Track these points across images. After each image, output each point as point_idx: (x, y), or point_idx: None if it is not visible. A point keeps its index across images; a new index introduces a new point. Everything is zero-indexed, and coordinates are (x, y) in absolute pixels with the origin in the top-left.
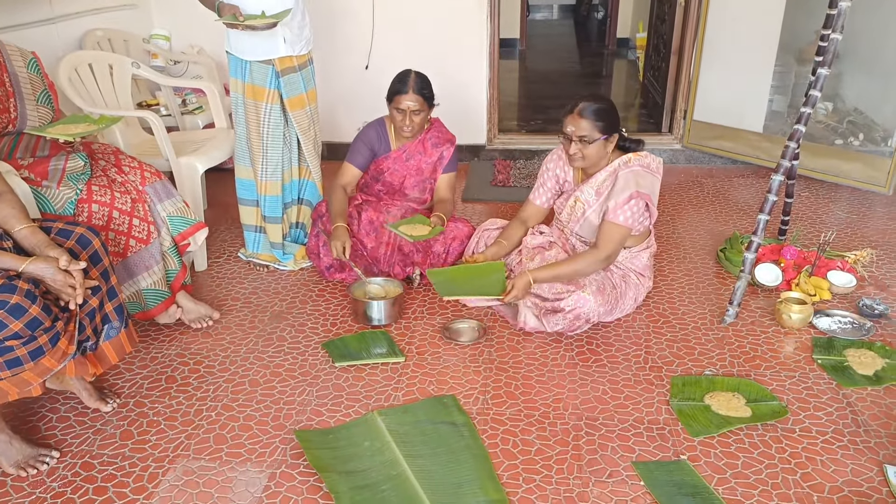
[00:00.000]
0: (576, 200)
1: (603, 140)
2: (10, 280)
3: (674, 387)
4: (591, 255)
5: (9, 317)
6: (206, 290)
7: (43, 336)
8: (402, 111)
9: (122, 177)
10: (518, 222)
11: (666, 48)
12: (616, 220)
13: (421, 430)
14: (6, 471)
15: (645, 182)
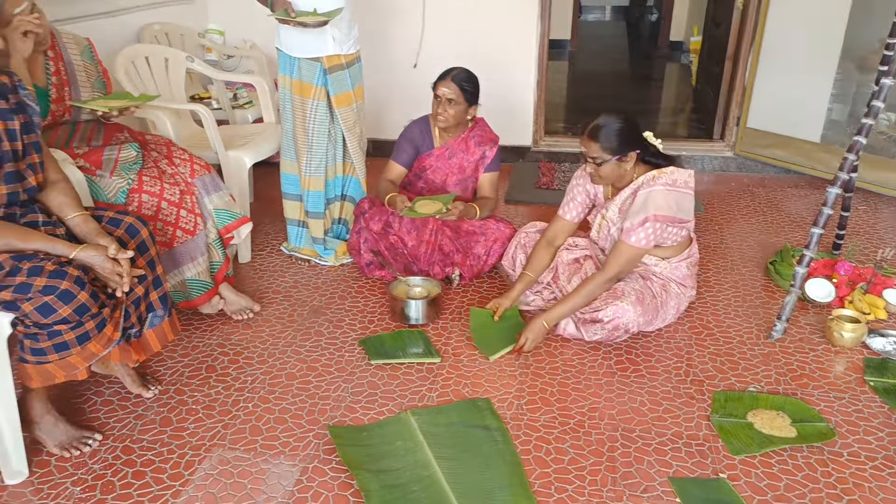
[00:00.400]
0: (602, 217)
1: (615, 160)
2: (62, 266)
3: (715, 402)
4: (598, 277)
5: (58, 302)
6: (249, 281)
7: (90, 322)
8: (438, 98)
9: (172, 168)
10: (544, 244)
11: (721, 53)
12: (628, 241)
13: (453, 433)
14: (51, 450)
15: (666, 201)
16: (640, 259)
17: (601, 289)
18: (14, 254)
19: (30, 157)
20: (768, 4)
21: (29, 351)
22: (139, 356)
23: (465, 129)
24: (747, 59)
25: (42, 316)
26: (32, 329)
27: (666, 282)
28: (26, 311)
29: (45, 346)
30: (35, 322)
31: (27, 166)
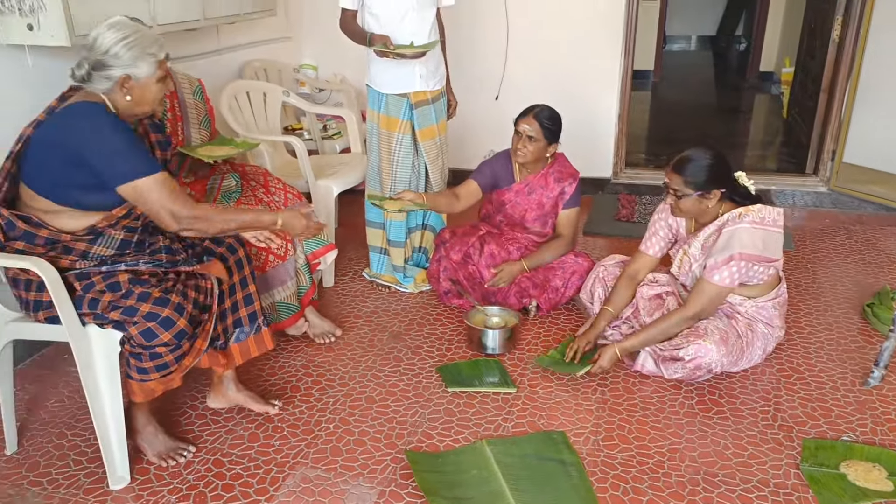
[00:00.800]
0: (684, 253)
1: (696, 196)
2: (166, 293)
3: (805, 450)
4: (678, 314)
5: (160, 328)
6: (332, 306)
7: (186, 343)
8: (519, 134)
9: (267, 197)
10: (626, 279)
11: (815, 85)
12: (710, 279)
13: (528, 465)
14: (150, 459)
15: (752, 240)
16: (723, 298)
17: (679, 326)
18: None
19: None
20: (866, 37)
21: (134, 370)
22: (228, 362)
23: (545, 164)
24: (843, 93)
25: (145, 339)
26: (137, 349)
27: (752, 321)
28: (132, 334)
29: (148, 366)
30: (139, 344)
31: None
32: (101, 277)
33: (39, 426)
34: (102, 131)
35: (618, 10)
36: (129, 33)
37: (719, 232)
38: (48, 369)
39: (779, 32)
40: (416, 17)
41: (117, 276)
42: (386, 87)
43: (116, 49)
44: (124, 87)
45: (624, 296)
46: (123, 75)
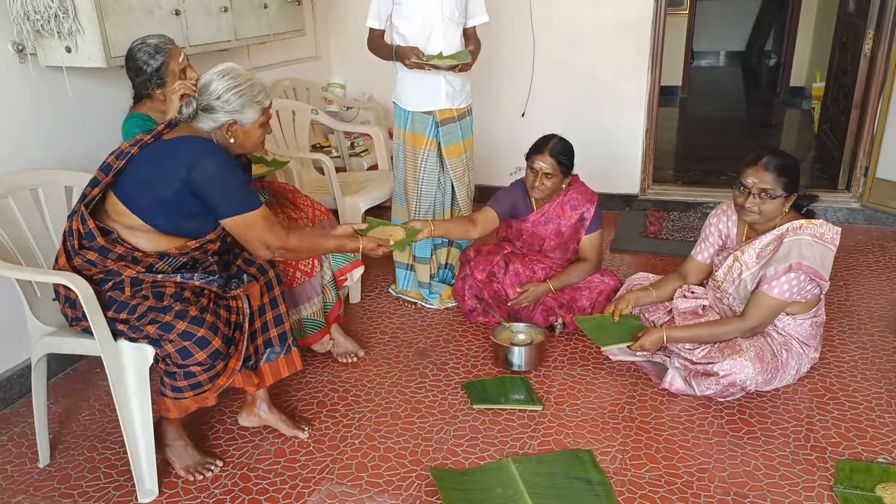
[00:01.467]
0: (735, 259)
1: (783, 198)
2: (202, 312)
3: (839, 471)
4: (736, 323)
5: (195, 347)
6: (358, 322)
7: (220, 363)
8: (535, 171)
9: (296, 214)
10: (676, 275)
11: (847, 100)
12: (770, 293)
13: (554, 483)
14: (178, 472)
15: (812, 253)
16: (780, 312)
17: (733, 336)
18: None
19: None
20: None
21: (169, 388)
22: (262, 382)
23: (560, 193)
24: (876, 108)
25: (181, 358)
26: (172, 368)
27: (787, 339)
28: (168, 352)
29: (182, 384)
30: (174, 362)
31: None
32: (151, 285)
33: (71, 439)
34: (223, 167)
35: (645, 25)
36: (240, 82)
37: (779, 241)
38: (81, 383)
39: (809, 47)
40: (441, 37)
41: (166, 286)
42: (412, 104)
43: (227, 96)
44: (229, 131)
45: (669, 287)
46: (230, 120)
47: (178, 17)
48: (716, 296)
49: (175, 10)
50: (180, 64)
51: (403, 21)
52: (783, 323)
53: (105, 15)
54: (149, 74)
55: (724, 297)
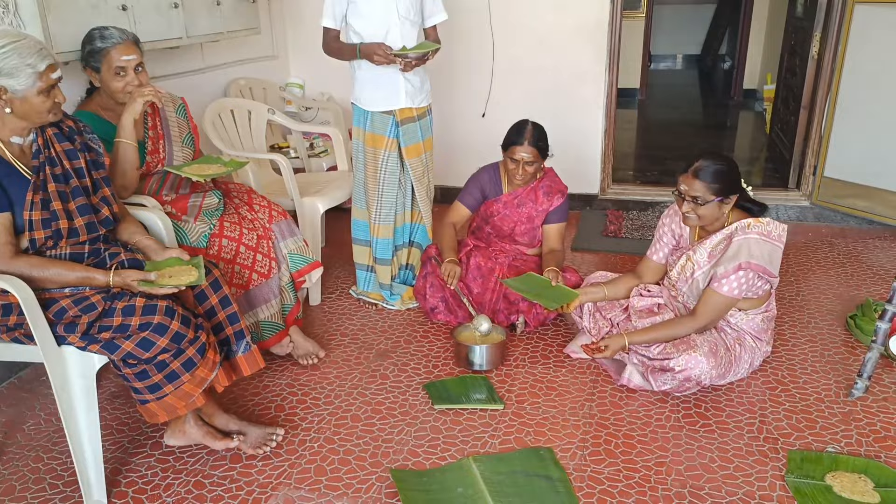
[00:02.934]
0: (687, 259)
1: (717, 202)
2: (150, 299)
3: (791, 462)
4: (688, 322)
5: (154, 335)
6: (318, 324)
7: (190, 348)
8: (516, 161)
9: (251, 214)
10: (632, 275)
11: (796, 101)
12: (720, 290)
13: (515, 481)
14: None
15: (760, 251)
16: (729, 309)
17: (687, 333)
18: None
19: (101, 190)
20: (844, 53)
21: (146, 390)
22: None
23: (534, 178)
24: (823, 108)
25: (144, 350)
26: (140, 366)
27: (740, 334)
28: (127, 350)
29: (158, 379)
30: (139, 358)
31: (100, 199)
32: (72, 301)
33: (16, 449)
34: None
35: (602, 27)
36: (4, 44)
37: (728, 241)
38: (26, 391)
39: (761, 51)
40: (398, 35)
41: (88, 297)
42: (371, 104)
43: None
44: (2, 100)
45: (623, 286)
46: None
47: (126, 13)
48: (670, 294)
49: (122, 5)
50: (125, 61)
51: (359, 20)
52: (736, 318)
53: (47, 10)
54: (87, 51)
55: (678, 295)
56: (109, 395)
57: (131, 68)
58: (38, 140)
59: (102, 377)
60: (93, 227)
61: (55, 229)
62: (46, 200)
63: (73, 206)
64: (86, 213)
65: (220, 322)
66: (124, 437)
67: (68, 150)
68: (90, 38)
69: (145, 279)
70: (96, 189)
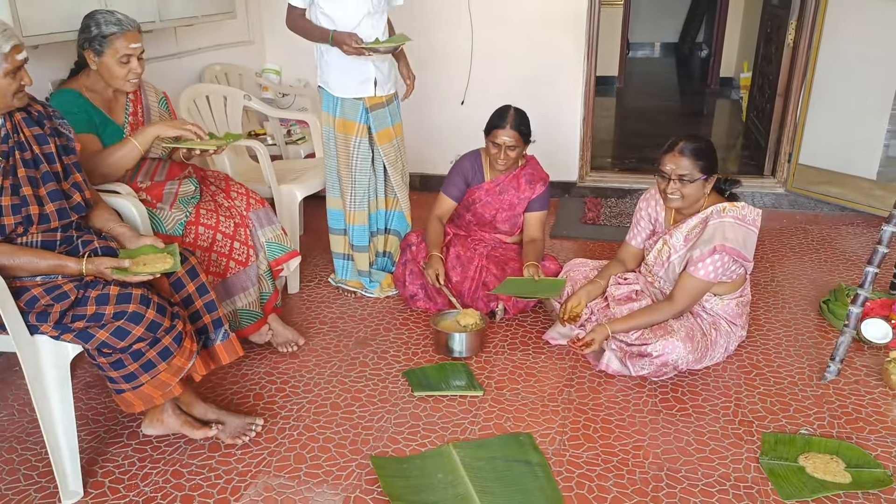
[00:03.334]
0: (664, 243)
1: (702, 180)
2: (124, 287)
3: (765, 444)
4: (665, 307)
5: (129, 323)
6: (297, 312)
7: (166, 337)
8: (499, 146)
9: (228, 202)
10: (616, 262)
11: (771, 89)
12: (696, 274)
13: (494, 467)
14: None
15: (735, 235)
16: (705, 293)
17: (665, 318)
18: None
19: (72, 176)
20: (819, 41)
21: (121, 379)
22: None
23: (517, 166)
24: (798, 96)
25: (119, 339)
26: (115, 355)
27: (716, 319)
28: (102, 339)
29: (133, 368)
30: (114, 347)
31: (71, 185)
32: (43, 290)
33: None
34: None
35: (580, 15)
36: None
37: (704, 224)
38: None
39: (737, 39)
40: (370, 22)
41: (60, 286)
42: (341, 90)
43: None
44: None
45: (613, 273)
46: None
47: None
48: (647, 280)
49: None
50: (130, 49)
51: (332, 4)
52: (711, 303)
53: None
54: (94, 35)
55: (654, 280)
56: (84, 385)
57: (136, 56)
58: (7, 125)
59: (77, 366)
60: (64, 213)
61: (25, 215)
62: (16, 186)
63: (43, 192)
64: (57, 198)
65: (198, 310)
66: (100, 426)
67: (38, 135)
68: (95, 21)
69: (119, 266)
70: (67, 174)
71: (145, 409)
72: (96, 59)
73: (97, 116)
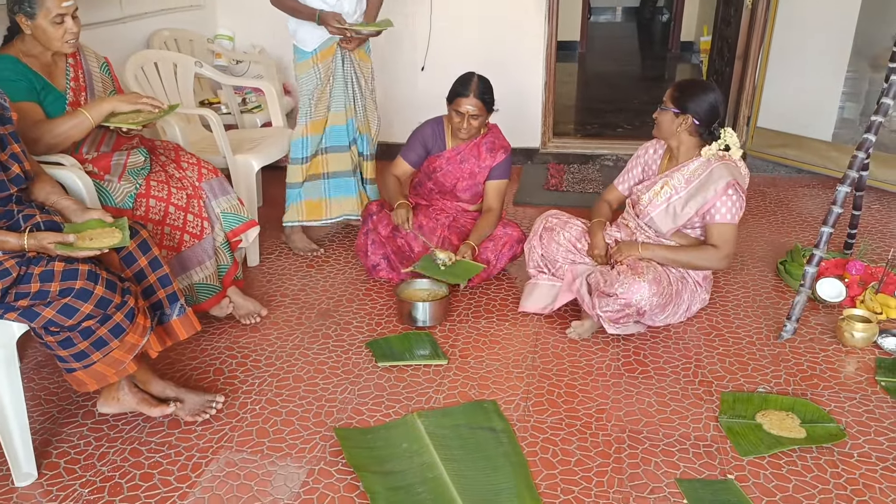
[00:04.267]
0: (663, 185)
1: (672, 113)
2: (70, 263)
3: (724, 403)
4: (711, 252)
5: (77, 301)
6: (257, 285)
7: (117, 313)
8: (461, 114)
9: (180, 172)
10: (604, 202)
11: (730, 52)
12: (724, 220)
13: (459, 435)
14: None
15: (740, 174)
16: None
17: (707, 265)
18: (17, 258)
19: (10, 147)
20: (777, 3)
21: (71, 358)
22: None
23: (479, 134)
24: (757, 59)
25: (66, 317)
26: (63, 333)
27: (685, 274)
28: (48, 317)
29: (84, 346)
30: (62, 326)
31: (9, 156)
32: None
33: None
34: None
35: None
36: None
37: (708, 165)
38: None
39: (698, 3)
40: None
41: (1, 262)
42: (310, 44)
43: None
44: None
45: (605, 210)
46: None
47: None
48: (631, 229)
49: None
50: (62, 8)
51: None
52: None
53: None
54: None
55: (640, 227)
56: (36, 365)
57: (70, 15)
58: None
59: (27, 346)
60: (2, 185)
61: None
62: None
63: None
64: None
65: (151, 285)
66: (53, 406)
67: None
68: None
69: (63, 242)
70: (4, 145)
71: (99, 388)
72: (29, 22)
73: (38, 82)
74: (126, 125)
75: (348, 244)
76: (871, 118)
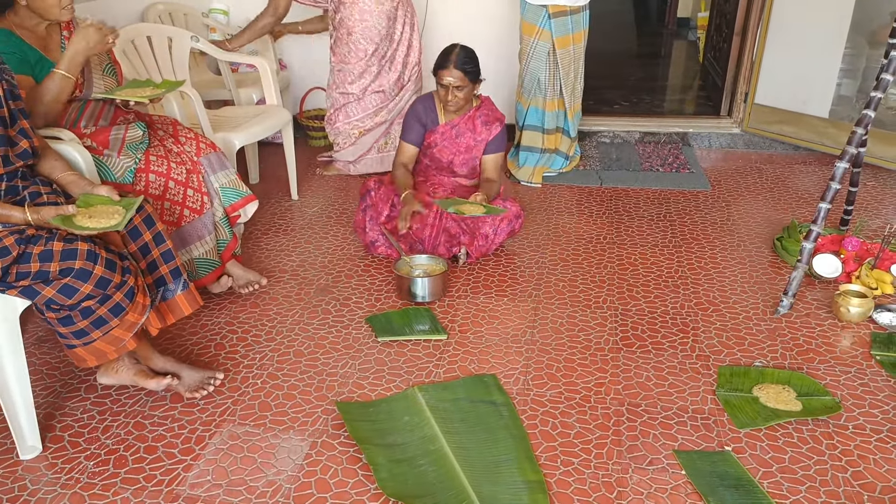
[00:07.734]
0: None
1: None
2: (70, 242)
3: (721, 377)
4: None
5: (77, 281)
6: (256, 261)
7: (117, 293)
8: (445, 86)
9: (178, 147)
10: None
11: (729, 28)
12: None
13: (460, 408)
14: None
15: None
16: None
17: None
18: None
19: (19, 122)
20: None
21: (71, 335)
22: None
23: (472, 107)
24: (755, 35)
25: (66, 297)
26: (63, 312)
27: None
28: (48, 296)
29: (84, 325)
30: (62, 304)
31: (17, 132)
32: None
33: None
34: None
35: None
36: None
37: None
38: None
39: None
40: None
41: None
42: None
43: None
44: None
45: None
46: None
47: None
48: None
49: None
50: None
51: None
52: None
53: None
54: None
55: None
56: (37, 340)
57: None
58: None
59: (29, 320)
60: (7, 160)
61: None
62: None
63: None
64: (1, 144)
65: (154, 260)
66: (55, 381)
67: None
68: None
69: (63, 213)
70: (14, 121)
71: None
72: None
73: (32, 55)
74: (134, 98)
75: (346, 220)
76: (870, 94)
